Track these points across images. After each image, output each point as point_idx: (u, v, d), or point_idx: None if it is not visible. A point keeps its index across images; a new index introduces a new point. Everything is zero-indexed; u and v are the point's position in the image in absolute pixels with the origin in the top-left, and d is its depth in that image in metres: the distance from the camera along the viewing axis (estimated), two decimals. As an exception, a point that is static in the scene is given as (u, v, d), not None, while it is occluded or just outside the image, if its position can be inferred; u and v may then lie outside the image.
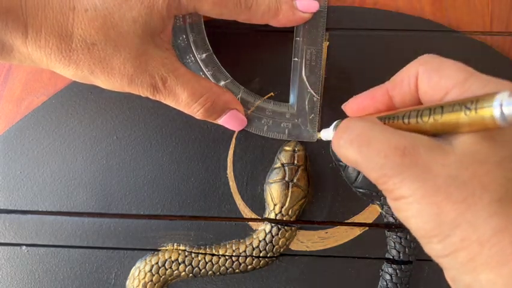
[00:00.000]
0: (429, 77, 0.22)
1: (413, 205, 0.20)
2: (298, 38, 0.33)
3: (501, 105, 0.17)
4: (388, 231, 0.34)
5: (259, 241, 0.34)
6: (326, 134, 0.30)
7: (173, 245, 0.35)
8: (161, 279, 0.34)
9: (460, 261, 0.19)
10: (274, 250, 0.34)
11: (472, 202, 0.18)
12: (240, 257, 0.34)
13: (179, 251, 0.34)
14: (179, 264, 0.34)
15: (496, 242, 0.18)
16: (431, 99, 0.22)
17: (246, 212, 0.34)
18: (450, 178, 0.19)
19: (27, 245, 0.35)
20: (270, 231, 0.34)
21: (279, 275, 0.35)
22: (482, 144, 0.19)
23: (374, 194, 0.34)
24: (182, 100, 0.30)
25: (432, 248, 0.20)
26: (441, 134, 0.21)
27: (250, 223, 0.35)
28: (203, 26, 0.32)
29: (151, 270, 0.34)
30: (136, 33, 0.27)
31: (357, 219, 0.35)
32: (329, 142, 0.34)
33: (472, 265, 0.19)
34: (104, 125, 0.34)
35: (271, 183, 0.34)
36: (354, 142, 0.21)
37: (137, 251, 0.35)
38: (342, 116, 0.34)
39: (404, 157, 0.20)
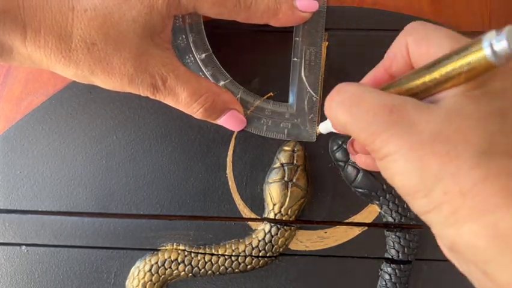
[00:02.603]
0: (419, 46, 0.22)
1: (399, 162, 0.20)
2: (297, 38, 0.33)
3: (491, 45, 0.17)
4: (387, 231, 0.34)
5: (259, 241, 0.34)
6: (325, 126, 0.30)
7: (172, 245, 0.35)
8: (161, 278, 0.34)
9: (443, 215, 0.19)
10: (273, 250, 0.34)
11: (454, 155, 0.19)
12: (240, 257, 0.34)
13: (179, 251, 0.34)
14: (179, 264, 0.34)
15: (477, 192, 0.18)
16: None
17: (246, 211, 0.35)
18: (434, 133, 0.19)
19: (27, 245, 0.35)
20: (270, 231, 0.34)
21: (279, 274, 0.35)
22: (465, 102, 0.20)
23: (373, 193, 0.34)
24: (182, 100, 0.30)
25: (418, 204, 0.20)
26: (432, 92, 0.21)
27: (249, 223, 0.35)
28: (202, 26, 0.32)
29: (150, 270, 0.34)
30: (136, 32, 0.27)
31: (356, 219, 0.35)
32: (328, 142, 0.34)
33: (455, 218, 0.19)
34: (103, 125, 0.34)
35: (271, 183, 0.34)
36: (346, 103, 0.22)
37: (136, 250, 0.35)
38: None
39: (391, 114, 0.20)
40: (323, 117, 0.34)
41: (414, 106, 0.20)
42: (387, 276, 0.34)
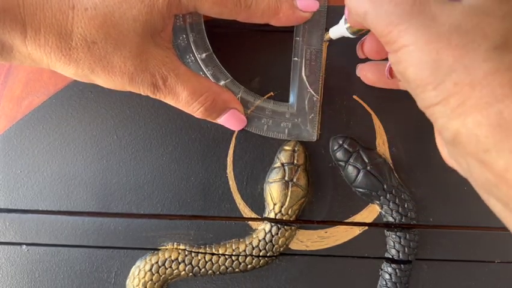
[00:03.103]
0: None
1: (414, 53, 0.21)
2: (298, 38, 0.33)
3: None
4: (387, 230, 0.34)
5: (259, 240, 0.34)
6: (336, 31, 0.31)
7: (173, 244, 0.35)
8: (161, 278, 0.34)
9: (450, 107, 0.20)
10: (274, 249, 0.34)
11: (470, 48, 0.20)
12: (240, 257, 0.34)
13: (179, 250, 0.34)
14: (179, 263, 0.34)
15: (487, 83, 0.19)
16: None
17: (246, 211, 0.35)
18: (453, 26, 0.20)
19: (27, 244, 0.35)
20: (270, 231, 0.34)
21: (279, 274, 0.35)
22: (489, 0, 0.20)
23: (373, 193, 0.34)
24: (182, 99, 0.30)
25: (426, 97, 0.21)
26: None
27: (250, 222, 0.35)
28: (203, 26, 0.32)
29: (151, 270, 0.34)
30: (136, 31, 0.27)
31: (356, 218, 0.35)
32: (328, 142, 0.34)
33: (462, 109, 0.20)
34: (104, 124, 0.34)
35: (271, 182, 0.34)
36: None
37: (137, 250, 0.35)
38: (341, 116, 0.34)
39: (414, 5, 0.21)
40: (323, 117, 0.34)
41: (438, 0, 0.21)
42: (387, 276, 0.34)
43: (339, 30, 0.30)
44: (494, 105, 0.19)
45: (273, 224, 0.34)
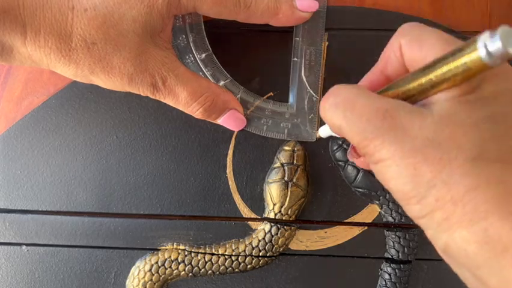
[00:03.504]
0: (411, 48, 0.22)
1: (392, 167, 0.20)
2: (297, 38, 0.33)
3: (485, 45, 0.17)
4: (387, 230, 0.34)
5: (259, 240, 0.34)
6: (325, 130, 0.31)
7: (173, 245, 0.35)
8: (161, 278, 0.34)
9: (436, 221, 0.19)
10: (273, 250, 0.34)
11: (447, 162, 0.19)
12: (240, 257, 0.34)
13: (179, 251, 0.34)
14: (179, 263, 0.34)
15: (468, 200, 0.18)
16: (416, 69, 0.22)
17: (246, 211, 0.35)
18: (427, 140, 0.19)
19: (27, 245, 0.35)
20: (270, 231, 0.34)
21: (279, 274, 0.35)
22: (458, 107, 0.20)
23: (373, 193, 0.34)
24: (182, 99, 0.30)
25: (411, 209, 0.21)
26: (428, 94, 0.21)
27: (249, 223, 0.35)
28: (203, 26, 0.32)
29: (150, 270, 0.34)
30: (135, 32, 0.27)
31: (356, 218, 0.35)
32: (328, 142, 0.34)
33: (447, 224, 0.19)
34: (104, 124, 0.34)
35: (271, 182, 0.34)
36: (340, 106, 0.22)
37: (137, 250, 0.35)
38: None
39: (385, 120, 0.20)
40: (323, 117, 0.34)
41: (407, 111, 0.20)
42: (387, 276, 0.34)
43: (327, 131, 0.30)
44: (478, 222, 0.18)
45: (272, 224, 0.34)
